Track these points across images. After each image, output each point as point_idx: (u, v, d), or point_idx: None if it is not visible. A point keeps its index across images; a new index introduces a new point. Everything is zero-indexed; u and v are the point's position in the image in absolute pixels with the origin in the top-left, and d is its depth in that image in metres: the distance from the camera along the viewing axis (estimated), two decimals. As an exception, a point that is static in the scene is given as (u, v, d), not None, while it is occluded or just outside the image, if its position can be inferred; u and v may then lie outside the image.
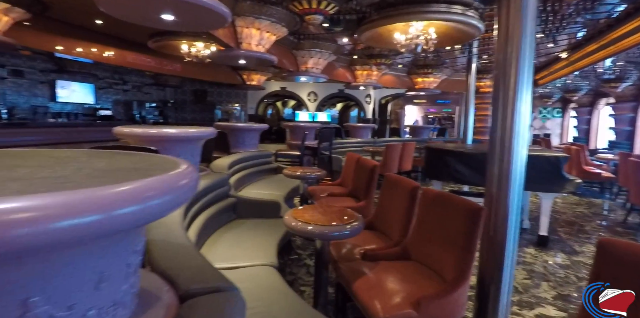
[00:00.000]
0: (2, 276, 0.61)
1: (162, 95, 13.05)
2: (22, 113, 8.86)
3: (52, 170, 0.83)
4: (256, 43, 5.69)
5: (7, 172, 0.80)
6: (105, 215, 0.65)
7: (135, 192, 0.70)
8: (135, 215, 0.71)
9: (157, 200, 0.75)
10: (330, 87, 13.73)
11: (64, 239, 0.61)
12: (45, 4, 5.41)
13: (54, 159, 1.01)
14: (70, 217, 0.60)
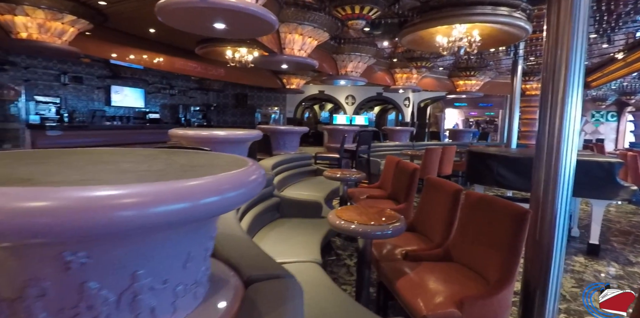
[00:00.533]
0: (117, 252, 0.74)
1: (205, 99, 13.65)
2: (81, 116, 9.62)
3: (149, 165, 0.96)
4: (298, 48, 5.87)
5: (114, 166, 0.95)
6: (194, 204, 0.76)
7: (216, 184, 0.81)
8: (216, 205, 0.81)
9: (233, 193, 0.85)
10: (368, 90, 13.74)
11: (165, 222, 0.73)
12: (106, 15, 5.89)
13: (142, 156, 1.16)
14: (173, 202, 0.72)
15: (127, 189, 0.67)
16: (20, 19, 4.90)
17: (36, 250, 0.70)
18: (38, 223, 0.61)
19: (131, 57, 8.10)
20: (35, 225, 0.61)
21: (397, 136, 9.47)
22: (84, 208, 0.62)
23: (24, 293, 0.70)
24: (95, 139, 6.69)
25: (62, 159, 1.05)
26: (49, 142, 5.87)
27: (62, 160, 1.00)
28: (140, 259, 0.78)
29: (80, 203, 0.62)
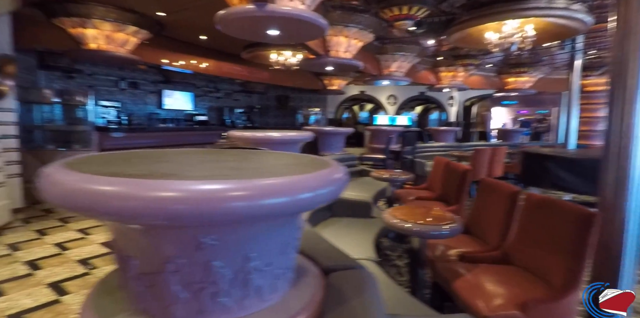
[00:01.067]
0: (237, 237, 0.86)
1: (249, 101, 14.10)
2: (137, 119, 10.30)
3: (248, 163, 1.08)
4: (344, 50, 5.95)
5: (222, 164, 1.08)
6: (292, 198, 0.85)
7: (311, 181, 0.90)
8: (310, 200, 0.90)
9: (325, 190, 0.93)
10: (410, 90, 13.54)
11: (274, 212, 0.83)
12: (163, 25, 6.30)
13: (234, 156, 1.28)
14: (278, 196, 0.81)
15: (248, 183, 0.78)
16: (90, 32, 5.38)
17: (178, 233, 0.82)
18: (198, 208, 0.72)
19: (182, 62, 8.57)
20: (195, 210, 0.72)
21: (442, 136, 9.26)
22: (230, 198, 0.74)
23: (163, 269, 0.83)
24: (152, 140, 7.15)
25: (177, 158, 1.19)
26: (113, 143, 6.36)
27: (179, 159, 1.14)
28: (253, 244, 0.88)
29: (225, 194, 0.74)
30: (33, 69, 7.08)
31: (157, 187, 0.71)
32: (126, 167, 0.92)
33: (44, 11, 5.32)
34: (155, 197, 0.70)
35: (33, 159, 5.82)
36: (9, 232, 4.27)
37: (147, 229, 0.83)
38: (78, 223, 4.65)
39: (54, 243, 3.91)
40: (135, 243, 0.87)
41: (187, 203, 0.70)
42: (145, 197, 0.69)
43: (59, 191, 0.76)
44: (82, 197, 0.71)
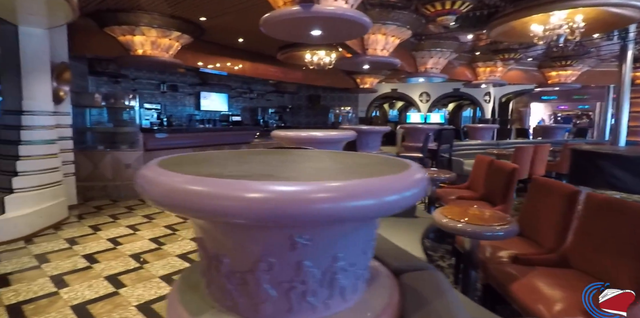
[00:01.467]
0: (328, 237, 0.87)
1: (281, 101, 14.27)
2: (176, 120, 10.69)
3: (334, 163, 1.10)
4: (381, 48, 5.89)
5: (304, 164, 1.11)
6: (379, 200, 0.85)
7: (401, 182, 0.90)
8: (397, 203, 0.89)
9: (409, 192, 0.91)
10: (444, 87, 13.23)
11: (367, 213, 0.84)
12: (203, 29, 6.49)
13: (310, 157, 1.30)
14: (377, 196, 0.82)
15: (348, 183, 0.79)
16: (137, 38, 5.64)
17: (274, 233, 0.85)
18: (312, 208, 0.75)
19: (219, 65, 8.77)
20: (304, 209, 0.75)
21: (479, 134, 8.99)
22: (334, 199, 0.76)
23: (255, 267, 0.86)
24: (192, 140, 7.39)
25: (256, 159, 1.23)
26: (157, 143, 6.63)
27: (259, 160, 1.18)
28: (341, 244, 0.91)
29: (331, 195, 0.76)
30: (84, 75, 7.50)
31: (264, 188, 0.73)
32: (218, 168, 0.96)
33: (97, 20, 5.63)
34: (266, 198, 0.73)
35: (85, 159, 6.18)
36: (66, 227, 4.55)
37: (247, 229, 0.86)
38: (127, 220, 4.89)
39: (108, 239, 4.14)
40: (229, 242, 0.90)
41: (300, 203, 0.73)
42: (255, 198, 0.72)
43: (165, 191, 0.80)
44: (192, 197, 0.75)
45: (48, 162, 4.65)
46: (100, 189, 6.04)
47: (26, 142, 4.47)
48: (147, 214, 5.21)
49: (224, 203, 0.73)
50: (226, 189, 0.73)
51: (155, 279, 3.09)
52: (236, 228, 0.87)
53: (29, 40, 4.48)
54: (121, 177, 6.32)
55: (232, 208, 0.73)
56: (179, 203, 0.79)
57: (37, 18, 4.18)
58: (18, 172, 4.37)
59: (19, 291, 2.83)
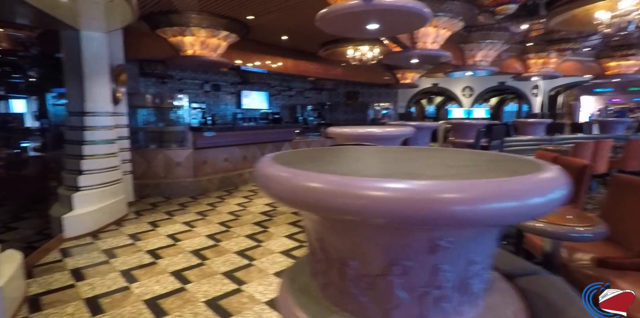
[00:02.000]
0: (465, 239, 0.80)
1: (319, 98, 14.27)
2: (219, 119, 10.94)
3: (455, 161, 1.03)
4: (432, 41, 5.69)
5: (430, 160, 1.04)
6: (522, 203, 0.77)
7: (550, 182, 0.81)
8: (549, 203, 0.80)
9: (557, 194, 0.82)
10: (488, 80, 12.68)
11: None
12: (249, 28, 6.57)
13: (425, 154, 1.24)
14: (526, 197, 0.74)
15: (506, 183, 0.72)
16: (188, 39, 5.80)
17: (414, 234, 0.79)
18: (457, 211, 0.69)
19: (262, 63, 8.85)
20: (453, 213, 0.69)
21: (530, 129, 8.52)
22: (491, 198, 0.69)
23: (388, 271, 0.80)
24: (237, 138, 7.52)
25: (372, 157, 1.18)
26: (205, 141, 6.80)
27: (380, 158, 1.12)
28: (476, 246, 0.84)
29: (490, 194, 0.69)
30: (135, 77, 7.83)
31: (419, 188, 0.68)
32: (346, 165, 0.92)
33: (149, 23, 5.84)
34: (418, 197, 0.67)
35: (139, 158, 6.45)
36: (127, 224, 4.76)
37: (383, 230, 0.81)
38: (182, 217, 5.04)
39: (167, 235, 4.28)
40: (360, 245, 0.86)
41: (455, 203, 0.67)
42: (407, 198, 0.67)
43: (307, 192, 0.76)
44: (338, 198, 0.71)
45: (109, 161, 4.87)
46: (154, 187, 6.28)
47: (89, 142, 4.70)
48: (199, 211, 5.36)
49: (372, 203, 0.68)
50: (379, 188, 0.68)
51: (218, 275, 3.15)
52: (372, 230, 0.82)
53: (90, 44, 4.69)
54: (172, 175, 6.55)
55: (381, 208, 0.68)
56: (321, 204, 0.75)
57: (98, 22, 4.37)
58: (83, 170, 4.61)
59: (94, 285, 2.97)
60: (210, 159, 7.02)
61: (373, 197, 0.68)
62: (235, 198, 6.18)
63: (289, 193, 0.81)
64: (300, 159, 1.07)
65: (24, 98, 8.69)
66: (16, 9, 4.01)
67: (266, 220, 4.91)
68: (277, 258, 3.55)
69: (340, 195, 0.71)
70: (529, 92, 12.62)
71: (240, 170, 7.60)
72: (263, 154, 8.22)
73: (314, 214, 0.88)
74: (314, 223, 0.96)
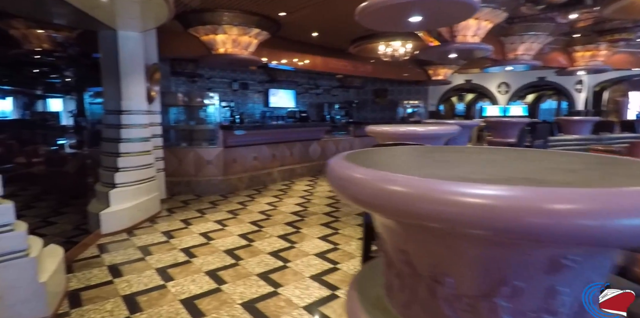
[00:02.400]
0: (591, 257, 0.64)
1: (346, 96, 14.09)
2: (247, 118, 10.98)
3: (558, 164, 0.87)
4: (472, 34, 5.40)
5: (538, 164, 0.88)
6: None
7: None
8: None
9: None
10: (526, 76, 12.08)
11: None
12: (280, 25, 6.49)
13: (515, 156, 1.08)
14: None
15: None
16: (220, 37, 5.80)
17: (533, 249, 0.64)
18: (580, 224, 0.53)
19: (292, 61, 8.77)
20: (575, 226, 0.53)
21: (575, 128, 8.01)
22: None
23: (494, 292, 0.65)
24: (266, 137, 7.48)
25: (476, 158, 1.03)
26: (235, 140, 6.80)
27: (469, 159, 0.98)
28: (600, 264, 0.67)
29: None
30: (167, 76, 7.93)
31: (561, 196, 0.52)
32: (450, 169, 0.77)
33: (182, 22, 5.88)
34: (557, 209, 0.52)
35: (171, 156, 6.51)
36: (160, 221, 4.78)
37: (495, 245, 0.66)
38: (214, 215, 5.02)
39: (199, 233, 4.25)
40: (461, 260, 0.71)
41: (617, 217, 0.51)
42: (544, 210, 0.52)
43: (408, 196, 0.62)
44: (449, 206, 0.57)
45: (144, 158, 4.91)
46: (185, 184, 6.33)
47: (125, 140, 4.75)
48: (230, 210, 5.33)
49: (509, 216, 0.53)
50: (516, 198, 0.53)
51: (254, 277, 3.06)
52: (479, 243, 0.67)
53: (126, 44, 4.74)
54: (203, 173, 6.58)
55: (518, 223, 0.54)
56: (422, 212, 0.61)
57: (134, 22, 4.40)
58: (119, 168, 4.66)
59: (131, 282, 2.95)
60: (239, 157, 7.01)
61: (512, 209, 0.54)
62: (265, 198, 6.12)
63: (386, 200, 0.67)
64: (385, 160, 0.92)
65: (62, 97, 9.02)
66: (57, 9, 4.09)
67: (298, 220, 4.81)
68: (311, 260, 3.44)
69: (465, 206, 0.56)
70: (572, 87, 11.91)
71: (269, 169, 7.56)
72: (292, 152, 8.22)
73: (396, 222, 0.74)
74: (396, 231, 0.82)
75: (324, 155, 8.96)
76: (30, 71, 7.25)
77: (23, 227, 2.36)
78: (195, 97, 6.66)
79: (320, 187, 6.99)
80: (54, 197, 6.11)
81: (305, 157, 8.52)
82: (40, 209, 5.26)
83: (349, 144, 9.63)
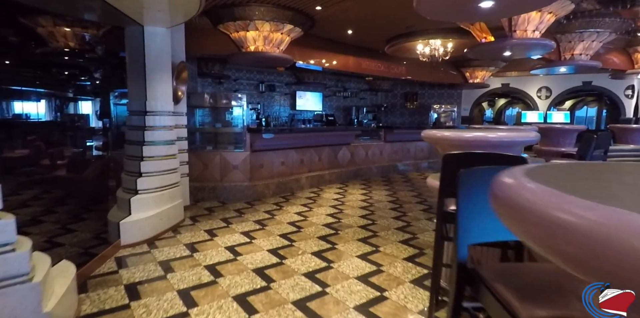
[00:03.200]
0: None
1: (374, 99, 13.59)
2: (274, 121, 10.63)
3: None
4: (533, 28, 4.82)
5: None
6: None
7: None
8: None
9: None
10: (570, 80, 11.25)
11: None
12: (314, 21, 6.08)
13: None
14: None
15: None
16: (251, 34, 5.44)
17: None
18: None
19: (324, 60, 8.31)
20: None
21: (631, 137, 7.23)
22: None
23: None
24: (293, 141, 7.09)
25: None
26: (262, 144, 6.43)
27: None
28: None
29: None
30: (194, 76, 7.67)
31: None
32: None
33: (212, 18, 5.57)
34: None
35: (196, 160, 6.19)
36: (183, 231, 4.43)
37: None
38: (240, 225, 4.64)
39: (225, 247, 3.86)
40: None
41: None
42: None
43: None
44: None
45: (168, 162, 4.59)
46: (210, 190, 5.99)
47: (149, 143, 4.44)
48: (258, 220, 4.93)
49: None
50: None
51: (289, 306, 2.62)
52: None
53: (153, 40, 4.44)
54: (228, 178, 6.23)
55: None
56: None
57: (162, 15, 4.08)
58: (142, 172, 4.35)
59: (150, 308, 2.57)
60: (267, 162, 6.64)
61: None
62: (294, 206, 5.70)
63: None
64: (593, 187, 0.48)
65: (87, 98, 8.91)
66: (82, 2, 3.83)
67: (332, 234, 4.36)
68: (353, 285, 2.97)
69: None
70: (621, 93, 10.99)
71: (297, 174, 7.16)
72: (320, 158, 7.78)
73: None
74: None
75: (353, 160, 8.49)
76: (56, 71, 7.11)
77: (26, 246, 2.00)
78: (223, 98, 6.33)
79: (351, 196, 6.52)
80: (76, 201, 5.87)
81: (334, 163, 8.08)
82: (60, 215, 5.01)
83: (379, 150, 9.13)
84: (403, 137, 9.49)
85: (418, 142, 9.94)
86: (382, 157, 9.18)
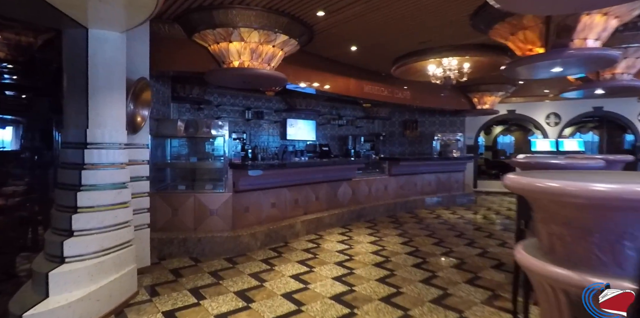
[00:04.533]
0: None
1: (371, 128, 12.60)
2: (261, 152, 9.37)
3: None
4: (595, 36, 3.82)
5: None
6: None
7: None
8: None
9: None
10: (580, 105, 10.50)
11: None
12: (313, 33, 5.04)
13: None
14: None
15: None
16: (234, 46, 4.32)
17: None
18: None
19: (322, 83, 7.19)
20: None
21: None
22: None
23: None
24: (286, 177, 5.84)
25: None
26: (249, 182, 5.18)
27: None
28: None
29: None
30: (166, 101, 6.47)
31: None
32: None
33: (185, 26, 4.46)
34: None
35: (162, 204, 4.87)
36: (132, 314, 3.03)
37: None
38: (215, 301, 3.27)
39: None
40: None
41: None
42: None
43: None
44: None
45: (115, 214, 3.28)
46: (180, 243, 4.61)
47: (88, 187, 3.16)
48: (241, 290, 3.57)
49: None
50: None
51: None
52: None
53: (101, 47, 3.28)
54: (204, 227, 4.89)
55: None
56: None
57: (110, 11, 2.94)
58: (74, 230, 3.02)
59: None
60: (253, 204, 5.34)
61: None
62: (289, 265, 4.36)
63: None
64: None
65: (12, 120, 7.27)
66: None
67: (347, 314, 3.02)
68: None
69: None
70: (634, 118, 10.23)
71: (291, 218, 5.85)
72: (317, 197, 6.48)
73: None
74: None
75: (355, 198, 7.24)
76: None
77: None
78: (201, 126, 5.11)
79: (358, 246, 5.22)
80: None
81: (333, 202, 6.81)
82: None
83: (384, 185, 7.94)
84: (410, 169, 8.38)
85: (425, 175, 8.83)
86: (386, 192, 7.98)
